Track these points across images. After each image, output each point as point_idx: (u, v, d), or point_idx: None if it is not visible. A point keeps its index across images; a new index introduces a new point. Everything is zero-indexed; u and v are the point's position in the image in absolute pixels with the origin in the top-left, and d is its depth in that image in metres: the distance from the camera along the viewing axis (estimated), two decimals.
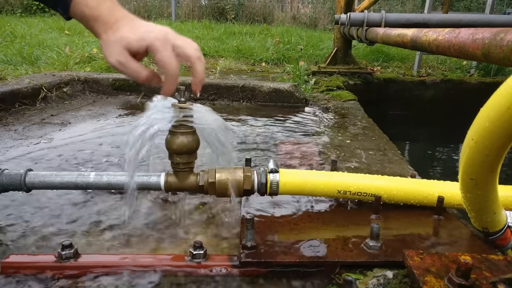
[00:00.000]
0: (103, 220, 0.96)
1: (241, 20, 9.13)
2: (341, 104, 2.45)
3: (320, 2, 10.58)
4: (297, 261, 0.76)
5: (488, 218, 0.79)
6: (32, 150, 1.45)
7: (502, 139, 0.58)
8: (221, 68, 3.56)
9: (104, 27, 0.73)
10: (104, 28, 0.73)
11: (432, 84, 3.87)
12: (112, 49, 0.73)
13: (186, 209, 1.02)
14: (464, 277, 0.63)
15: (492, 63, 0.96)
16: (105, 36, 0.73)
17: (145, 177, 0.91)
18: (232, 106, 2.39)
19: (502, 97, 0.54)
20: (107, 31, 0.73)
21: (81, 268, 0.75)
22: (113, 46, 0.73)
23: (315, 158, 1.43)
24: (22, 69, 2.87)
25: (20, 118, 1.90)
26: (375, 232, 0.79)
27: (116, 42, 0.73)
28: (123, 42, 0.73)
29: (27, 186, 0.90)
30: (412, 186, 0.97)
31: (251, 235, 0.78)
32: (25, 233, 0.89)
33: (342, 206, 1.03)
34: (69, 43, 4.07)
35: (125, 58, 0.73)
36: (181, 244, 0.87)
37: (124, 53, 0.73)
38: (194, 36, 5.66)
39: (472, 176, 0.68)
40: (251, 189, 0.92)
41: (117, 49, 0.73)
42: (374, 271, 0.76)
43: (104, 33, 0.73)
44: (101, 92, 2.56)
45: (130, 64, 0.74)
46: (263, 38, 5.77)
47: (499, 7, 8.84)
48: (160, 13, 9.48)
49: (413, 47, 1.64)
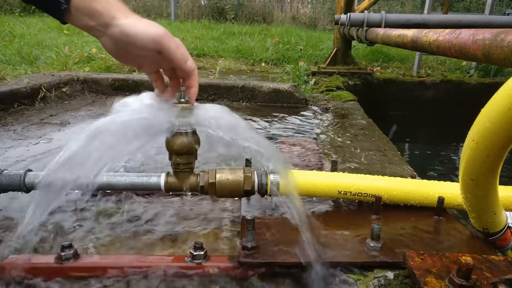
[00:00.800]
0: None
1: (241, 20, 9.13)
2: (341, 105, 2.45)
3: (320, 2, 10.59)
4: (298, 262, 0.76)
5: (489, 218, 0.79)
6: (31, 150, 1.45)
7: (502, 140, 0.58)
8: (220, 68, 3.56)
9: (123, 13, 0.70)
10: (123, 14, 0.70)
11: (432, 85, 3.87)
12: (151, 23, 0.70)
13: None
14: (465, 278, 0.63)
15: (492, 64, 0.96)
16: (130, 18, 0.70)
17: (145, 178, 0.91)
18: (232, 107, 2.39)
19: (503, 98, 0.54)
20: (128, 16, 0.70)
21: (80, 269, 0.75)
22: (149, 22, 0.70)
23: (315, 158, 1.43)
24: (21, 69, 2.87)
25: (19, 118, 1.89)
26: (376, 232, 0.79)
27: (136, 27, 0.69)
28: (144, 29, 0.70)
29: (26, 186, 0.90)
30: (412, 187, 0.97)
31: (251, 236, 0.78)
32: None
33: (342, 206, 1.03)
34: (68, 43, 4.06)
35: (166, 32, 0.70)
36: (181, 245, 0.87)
37: (149, 40, 0.70)
38: (194, 36, 5.65)
39: (473, 176, 0.68)
40: (252, 190, 0.92)
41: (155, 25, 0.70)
42: (374, 271, 0.76)
43: (128, 13, 0.70)
44: (100, 92, 2.56)
45: (148, 55, 0.72)
46: (262, 38, 5.77)
47: (498, 8, 8.85)
48: (159, 13, 9.48)
49: (413, 48, 1.64)
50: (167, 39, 0.71)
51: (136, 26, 0.70)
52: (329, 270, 0.76)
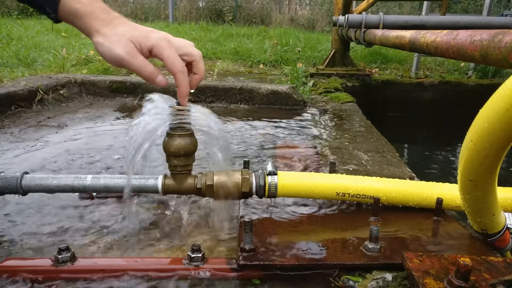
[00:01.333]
0: None
1: (239, 22, 9.14)
2: (340, 106, 2.45)
3: (318, 4, 10.61)
4: (296, 264, 0.75)
5: (487, 219, 0.78)
6: (28, 152, 1.44)
7: (501, 140, 0.58)
8: (218, 70, 3.56)
9: (102, 23, 0.71)
10: (102, 23, 0.71)
11: (430, 86, 3.88)
12: (117, 41, 0.71)
13: None
14: (464, 279, 0.62)
15: (490, 64, 0.95)
16: (105, 30, 0.71)
17: (143, 180, 0.90)
18: (230, 108, 2.39)
19: (501, 98, 0.53)
20: (105, 27, 0.71)
21: (77, 272, 0.74)
22: (118, 38, 0.71)
23: (313, 160, 1.43)
24: (19, 71, 2.86)
25: (16, 121, 1.88)
26: (374, 234, 0.79)
27: (121, 35, 0.71)
28: (127, 35, 0.71)
29: (23, 189, 0.89)
30: (411, 188, 0.96)
31: (249, 238, 0.78)
32: None
33: (341, 208, 1.03)
34: (66, 45, 4.06)
35: (133, 49, 0.71)
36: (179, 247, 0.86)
37: (130, 45, 0.71)
38: (192, 38, 5.65)
39: (471, 177, 0.68)
40: (250, 192, 0.91)
41: (123, 40, 0.71)
42: (373, 273, 0.75)
43: (102, 28, 0.71)
44: (98, 95, 2.56)
45: (138, 56, 0.72)
46: (260, 40, 5.77)
47: (496, 9, 8.88)
48: (157, 15, 9.48)
49: (411, 49, 1.64)
50: (127, 61, 0.72)
51: (104, 45, 0.71)
52: (328, 272, 0.76)
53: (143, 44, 0.72)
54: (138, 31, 0.73)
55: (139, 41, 0.72)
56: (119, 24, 0.73)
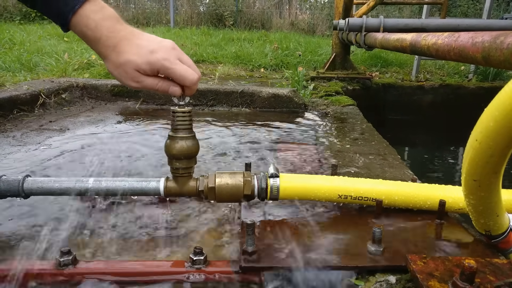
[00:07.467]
0: None
1: (240, 27, 9.17)
2: (340, 109, 2.44)
3: (318, 8, 10.65)
4: (299, 266, 0.75)
5: (491, 220, 0.78)
6: (30, 156, 1.44)
7: (506, 139, 0.57)
8: (219, 74, 3.56)
9: (107, 50, 0.75)
10: (107, 51, 0.75)
11: (431, 89, 3.88)
12: (125, 73, 0.76)
13: None
14: (469, 281, 0.62)
15: (492, 66, 0.95)
16: (112, 56, 0.75)
17: (144, 183, 0.90)
18: (232, 112, 2.39)
19: (508, 96, 0.53)
20: (111, 54, 0.75)
21: (79, 275, 0.74)
22: (125, 69, 0.75)
23: (315, 162, 1.43)
24: (21, 75, 2.87)
25: (18, 125, 1.89)
26: (377, 236, 0.79)
27: (126, 66, 0.75)
28: (131, 65, 0.75)
29: (25, 192, 0.89)
30: (413, 191, 0.96)
31: (251, 240, 0.77)
32: None
33: (343, 210, 1.02)
34: (68, 50, 4.07)
35: (140, 77, 0.76)
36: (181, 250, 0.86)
37: (137, 74, 0.76)
38: (193, 42, 5.67)
39: (476, 177, 0.67)
40: (251, 194, 0.91)
41: (130, 71, 0.75)
42: (376, 276, 0.75)
43: (109, 55, 0.75)
44: (99, 98, 2.56)
45: (147, 81, 0.77)
46: (261, 44, 5.79)
47: (496, 13, 8.90)
48: (158, 19, 9.52)
49: (412, 52, 1.64)
50: (138, 87, 0.78)
51: (114, 74, 0.78)
52: (331, 275, 0.75)
53: (148, 70, 0.76)
54: (142, 56, 0.75)
55: (143, 68, 0.75)
56: (124, 46, 0.75)
